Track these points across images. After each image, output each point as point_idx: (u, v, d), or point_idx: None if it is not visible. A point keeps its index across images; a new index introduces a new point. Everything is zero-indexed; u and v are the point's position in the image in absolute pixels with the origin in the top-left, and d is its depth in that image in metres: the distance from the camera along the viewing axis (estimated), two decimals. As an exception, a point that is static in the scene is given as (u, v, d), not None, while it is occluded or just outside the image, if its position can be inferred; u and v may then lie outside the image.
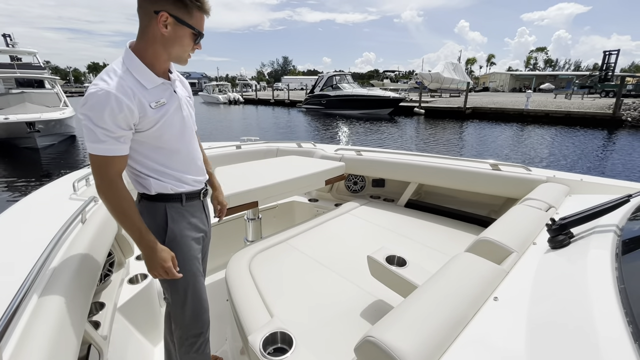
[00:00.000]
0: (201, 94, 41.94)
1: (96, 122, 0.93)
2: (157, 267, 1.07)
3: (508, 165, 2.00)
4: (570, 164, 9.07)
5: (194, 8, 1.00)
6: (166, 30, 0.99)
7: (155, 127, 1.05)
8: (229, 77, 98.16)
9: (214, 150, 2.77)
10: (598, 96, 27.88)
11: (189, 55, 1.10)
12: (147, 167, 1.11)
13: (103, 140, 0.95)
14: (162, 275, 1.09)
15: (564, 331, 0.64)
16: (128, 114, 0.97)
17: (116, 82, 0.96)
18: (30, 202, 1.63)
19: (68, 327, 0.87)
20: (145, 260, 1.08)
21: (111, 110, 0.93)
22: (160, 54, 1.03)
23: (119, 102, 0.94)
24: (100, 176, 0.99)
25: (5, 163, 9.08)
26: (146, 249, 1.06)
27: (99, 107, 0.93)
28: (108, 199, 1.01)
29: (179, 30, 1.00)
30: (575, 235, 0.99)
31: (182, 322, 1.23)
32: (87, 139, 0.96)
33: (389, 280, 1.18)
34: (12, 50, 17.40)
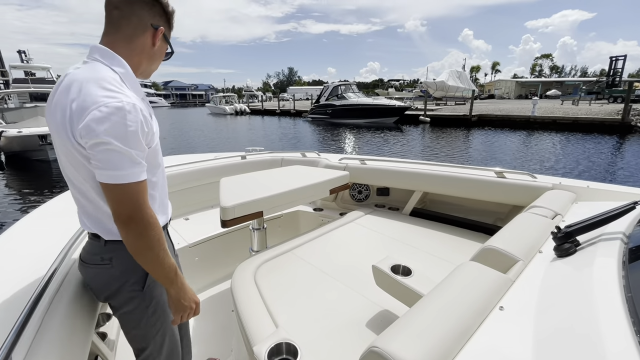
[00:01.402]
0: (208, 106, 42.64)
1: (129, 142, 0.79)
2: (191, 303, 0.98)
3: (513, 173, 1.99)
4: (580, 171, 8.93)
5: (171, 22, 1.01)
6: (155, 46, 0.96)
7: (155, 144, 0.95)
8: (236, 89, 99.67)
9: (219, 161, 2.81)
10: (606, 102, 27.58)
11: None
12: None
13: (138, 163, 0.82)
14: (191, 314, 1.00)
15: (570, 341, 0.63)
16: (150, 128, 0.87)
17: (130, 93, 0.84)
18: (40, 213, 1.66)
19: (76, 338, 0.88)
20: (177, 301, 0.96)
21: (142, 125, 0.82)
22: (142, 65, 0.97)
23: (144, 115, 0.84)
24: (138, 208, 0.82)
25: (18, 175, 9.30)
26: (181, 287, 0.95)
27: (131, 124, 0.79)
28: (149, 232, 0.84)
29: (163, 47, 1.00)
30: (581, 243, 0.97)
31: None
32: (116, 165, 0.78)
33: (394, 289, 1.17)
34: (27, 65, 18.04)
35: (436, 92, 31.91)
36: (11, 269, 1.11)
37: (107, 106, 0.77)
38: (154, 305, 1.01)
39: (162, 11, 0.96)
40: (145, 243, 0.84)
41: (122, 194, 0.81)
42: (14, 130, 9.48)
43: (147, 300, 0.99)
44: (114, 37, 0.90)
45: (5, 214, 6.29)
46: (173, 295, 0.95)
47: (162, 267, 0.89)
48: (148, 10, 0.92)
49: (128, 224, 0.82)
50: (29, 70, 17.65)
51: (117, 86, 0.82)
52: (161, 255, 0.87)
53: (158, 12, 0.95)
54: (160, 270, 0.89)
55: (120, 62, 0.89)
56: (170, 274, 0.91)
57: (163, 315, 1.04)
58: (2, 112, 11.49)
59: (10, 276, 1.07)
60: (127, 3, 0.89)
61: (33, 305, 0.86)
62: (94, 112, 0.76)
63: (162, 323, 1.04)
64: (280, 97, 49.77)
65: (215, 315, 1.97)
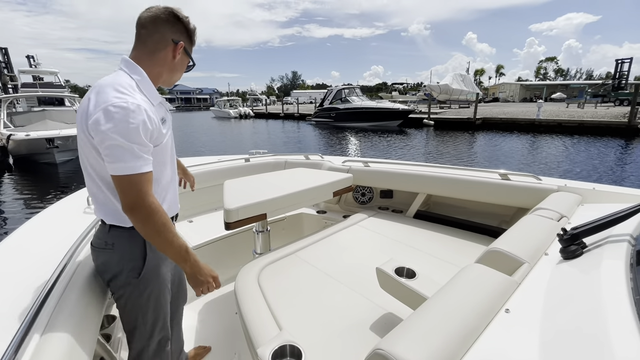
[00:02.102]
0: (213, 109, 42.92)
1: (131, 138, 0.89)
2: (208, 278, 1.06)
3: (518, 175, 1.97)
4: (586, 174, 8.84)
5: (192, 44, 1.13)
6: (176, 59, 1.08)
7: (164, 142, 1.06)
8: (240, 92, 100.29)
9: (223, 164, 2.82)
10: (612, 105, 27.34)
11: None
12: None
13: (140, 156, 0.91)
14: (211, 287, 1.07)
15: (578, 344, 0.62)
16: (155, 127, 0.98)
17: (139, 96, 0.96)
18: (46, 216, 1.68)
19: (80, 340, 0.89)
20: (193, 277, 1.04)
21: (145, 124, 0.92)
22: (163, 75, 1.09)
23: (149, 115, 0.94)
24: (140, 196, 0.91)
25: (25, 178, 9.42)
26: (194, 264, 1.03)
27: (133, 122, 0.89)
28: (153, 218, 0.93)
29: (184, 60, 1.12)
30: (588, 245, 0.96)
31: (145, 356, 1.13)
32: (119, 158, 0.88)
33: (398, 292, 1.16)
34: (35, 70, 18.32)
35: (440, 95, 31.87)
36: (18, 270, 1.13)
37: (114, 105, 0.88)
38: (147, 294, 1.08)
39: (183, 28, 1.08)
40: (152, 227, 0.94)
41: (126, 184, 0.91)
42: (22, 133, 9.61)
43: (142, 288, 1.07)
44: (140, 51, 1.04)
45: (13, 215, 6.37)
46: (188, 272, 1.04)
47: (172, 247, 0.98)
48: (170, 28, 1.05)
49: (133, 211, 0.92)
50: (37, 75, 17.93)
51: (129, 90, 0.94)
52: (169, 238, 0.96)
53: (179, 29, 1.07)
54: (171, 250, 0.98)
55: (139, 70, 1.02)
56: (182, 253, 1.00)
57: (156, 305, 1.11)
58: (10, 115, 11.65)
59: (17, 277, 1.08)
60: (152, 22, 1.03)
61: (40, 305, 0.87)
62: (102, 109, 0.88)
63: (156, 308, 1.11)
64: (284, 100, 50.01)
65: (219, 317, 1.97)
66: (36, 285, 1.01)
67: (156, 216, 0.93)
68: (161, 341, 1.16)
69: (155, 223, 0.93)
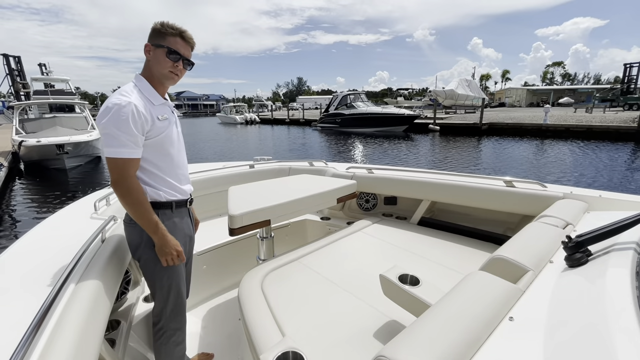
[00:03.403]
0: (219, 115, 43.34)
1: (120, 128, 1.11)
2: (172, 250, 1.26)
3: (523, 182, 1.96)
4: (594, 180, 8.71)
5: (168, 35, 1.25)
6: (150, 55, 1.27)
7: (161, 136, 1.26)
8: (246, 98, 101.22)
9: (227, 170, 2.85)
10: (621, 109, 27.02)
11: (175, 75, 1.30)
12: (147, 173, 1.27)
13: (126, 144, 1.13)
14: (174, 260, 1.28)
15: (583, 353, 0.61)
16: (144, 121, 1.18)
17: (134, 96, 1.18)
18: (54, 221, 1.71)
19: (85, 345, 0.90)
20: (160, 248, 1.25)
21: (133, 116, 1.13)
22: (154, 77, 1.29)
23: (138, 110, 1.15)
24: (121, 176, 1.15)
25: (35, 183, 9.59)
26: (162, 237, 1.24)
27: (123, 115, 1.11)
28: (129, 195, 1.17)
29: (157, 53, 1.26)
30: (593, 253, 0.95)
31: (164, 315, 1.36)
32: (110, 144, 1.12)
33: (402, 299, 1.16)
34: (47, 78, 18.73)
35: (446, 100, 31.78)
36: (27, 272, 1.15)
37: (110, 102, 1.14)
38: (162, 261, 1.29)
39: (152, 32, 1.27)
40: (127, 202, 1.18)
41: (111, 165, 1.15)
42: (33, 140, 9.81)
43: (156, 256, 1.28)
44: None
45: (23, 219, 6.49)
46: (157, 243, 1.25)
47: (143, 220, 1.21)
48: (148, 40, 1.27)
49: (114, 187, 1.17)
50: (49, 82, 18.33)
51: (127, 92, 1.18)
52: (141, 212, 1.19)
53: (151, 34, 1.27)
54: (142, 223, 1.21)
55: (139, 78, 1.29)
56: (151, 227, 1.22)
57: (171, 269, 1.33)
58: (22, 122, 11.89)
59: (26, 280, 1.10)
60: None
61: (46, 310, 0.89)
62: (103, 108, 1.14)
63: (170, 277, 1.34)
64: (289, 106, 50.33)
65: (222, 323, 1.98)
66: (44, 287, 1.03)
67: (132, 195, 1.17)
68: (176, 305, 1.38)
69: (131, 199, 1.17)
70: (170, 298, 1.36)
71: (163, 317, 1.37)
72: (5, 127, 21.47)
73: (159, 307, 1.36)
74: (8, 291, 1.04)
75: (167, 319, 1.37)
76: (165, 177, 1.31)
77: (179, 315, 1.40)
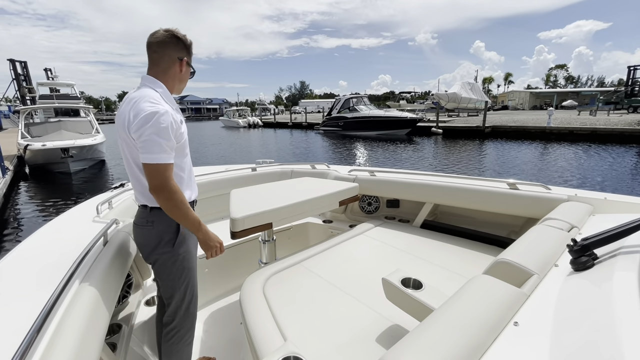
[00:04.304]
0: (222, 119, 43.57)
1: (161, 135, 1.17)
2: (215, 243, 1.35)
3: (527, 184, 1.94)
4: (599, 182, 8.63)
5: (191, 50, 1.38)
6: (182, 71, 1.35)
7: (183, 140, 1.33)
8: (249, 102, 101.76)
9: (230, 173, 2.85)
10: (625, 112, 26.83)
11: None
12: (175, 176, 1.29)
13: (165, 150, 1.19)
14: (218, 252, 1.37)
15: (589, 358, 0.60)
16: (177, 127, 1.25)
17: (165, 104, 1.24)
18: (56, 224, 1.72)
19: (86, 349, 0.89)
20: (205, 242, 1.33)
21: (171, 124, 1.20)
22: (174, 86, 1.37)
23: (174, 118, 1.23)
24: (164, 180, 1.20)
25: (40, 186, 9.66)
26: (206, 232, 1.32)
27: (163, 123, 1.17)
28: (174, 197, 1.21)
29: (187, 70, 1.39)
30: (599, 256, 0.94)
31: (178, 315, 1.41)
32: (151, 150, 1.16)
33: (405, 303, 1.14)
34: (53, 82, 18.95)
35: (448, 103, 31.72)
36: (29, 275, 1.15)
37: (149, 112, 1.16)
38: (180, 260, 1.35)
39: (183, 45, 1.34)
40: (172, 204, 1.22)
41: (153, 170, 1.18)
42: (38, 143, 9.91)
43: (175, 255, 1.34)
44: (155, 70, 1.32)
45: (28, 222, 6.54)
46: (201, 239, 1.33)
47: (188, 219, 1.27)
48: (174, 47, 1.31)
49: (158, 192, 1.20)
50: (54, 87, 18.53)
51: (157, 100, 1.22)
52: (186, 211, 1.24)
53: (181, 47, 1.33)
54: (187, 222, 1.27)
55: (160, 85, 1.31)
56: (195, 224, 1.29)
57: (188, 269, 1.39)
58: (28, 126, 12.02)
59: (28, 282, 1.10)
60: (160, 46, 1.29)
61: (47, 313, 0.88)
62: (142, 116, 1.16)
63: (187, 276, 1.39)
64: (292, 110, 50.50)
65: (224, 327, 1.97)
66: (45, 291, 1.03)
67: (176, 195, 1.21)
68: (191, 304, 1.44)
69: (175, 200, 1.21)
70: (187, 297, 1.41)
71: (177, 317, 1.40)
72: (11, 131, 21.71)
73: (174, 306, 1.40)
74: (9, 294, 1.04)
75: (182, 318, 1.41)
76: (186, 178, 1.39)
77: (191, 315, 1.45)
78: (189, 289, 1.41)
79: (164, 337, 1.41)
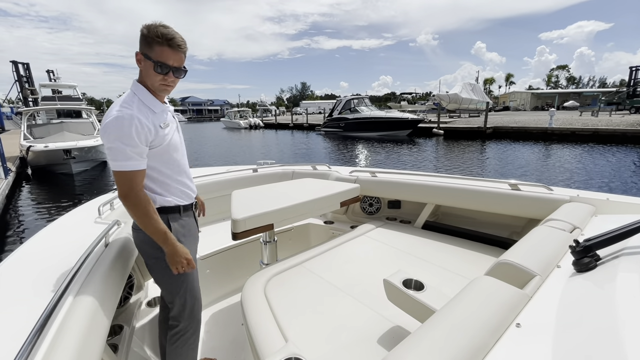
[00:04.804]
0: (223, 120, 43.63)
1: (124, 141, 1.10)
2: (181, 259, 1.26)
3: (528, 185, 1.94)
4: (601, 184, 8.60)
5: (155, 44, 1.16)
6: (140, 65, 1.22)
7: (165, 144, 1.26)
8: (250, 103, 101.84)
9: (231, 174, 2.85)
10: (627, 112, 26.77)
11: (167, 86, 1.24)
12: (155, 181, 1.27)
13: (131, 157, 1.13)
14: (184, 267, 1.28)
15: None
16: (147, 132, 1.17)
17: (135, 107, 1.17)
18: (59, 225, 1.72)
19: (87, 350, 0.89)
20: (170, 257, 1.25)
21: (136, 129, 1.12)
22: (149, 84, 1.24)
23: (141, 122, 1.14)
24: (129, 189, 1.15)
25: (42, 188, 9.69)
26: (172, 246, 1.24)
27: (125, 128, 1.10)
28: (137, 206, 1.17)
29: (146, 64, 1.20)
30: (602, 257, 0.93)
31: (182, 318, 1.38)
32: (115, 158, 1.12)
33: (406, 304, 1.14)
34: (55, 84, 19.06)
35: (449, 104, 31.69)
36: (31, 277, 1.15)
37: (111, 117, 1.12)
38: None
39: (142, 38, 1.18)
40: (136, 213, 1.18)
41: (119, 178, 1.14)
42: (40, 145, 9.94)
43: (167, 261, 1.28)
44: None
45: (30, 223, 6.55)
46: (167, 252, 1.25)
47: (151, 230, 1.20)
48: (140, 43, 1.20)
49: (123, 200, 1.16)
50: (57, 89, 18.62)
51: (128, 104, 1.16)
52: (149, 223, 1.19)
53: (142, 40, 1.19)
54: (152, 233, 1.21)
55: (139, 87, 1.24)
56: (161, 236, 1.21)
57: (184, 274, 1.33)
58: (30, 128, 12.07)
59: (30, 284, 1.10)
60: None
61: (48, 314, 0.89)
62: (106, 122, 1.12)
63: (184, 281, 1.35)
64: (293, 111, 50.54)
65: (225, 328, 1.96)
66: (47, 292, 1.03)
67: (141, 206, 1.16)
68: (194, 307, 1.41)
69: (140, 211, 1.17)
70: (188, 301, 1.38)
71: (182, 320, 1.38)
72: (14, 132, 21.81)
73: (177, 311, 1.38)
74: (11, 296, 1.04)
75: (186, 321, 1.39)
76: (172, 183, 1.32)
77: (195, 318, 1.43)
78: (188, 294, 1.38)
79: (168, 340, 1.40)
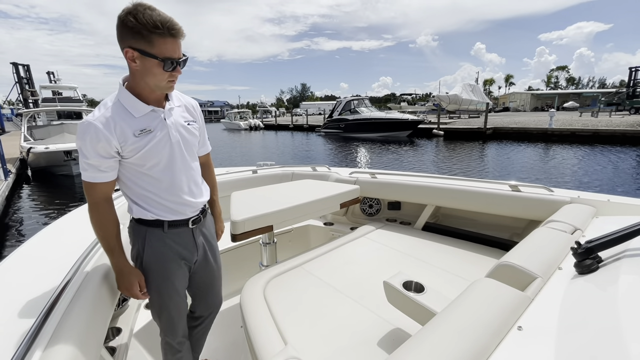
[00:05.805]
0: (223, 121, 43.70)
1: (82, 150, 1.04)
2: (123, 288, 1.18)
3: (529, 187, 1.93)
4: (602, 184, 8.59)
5: (154, 36, 0.99)
6: (136, 64, 1.03)
7: (139, 155, 1.09)
8: (250, 105, 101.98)
9: (230, 175, 2.85)
10: (627, 113, 26.81)
11: (170, 82, 1.09)
12: (132, 192, 1.17)
13: (85, 169, 1.06)
14: (128, 295, 1.20)
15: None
16: (105, 143, 1.03)
17: (100, 113, 1.04)
18: (57, 226, 1.72)
19: (84, 353, 0.88)
20: (116, 278, 1.18)
21: (90, 139, 1.02)
22: (142, 85, 1.08)
23: (97, 132, 1.01)
24: (88, 196, 1.10)
25: (43, 189, 9.69)
26: (115, 270, 1.17)
27: (82, 137, 1.03)
28: (91, 219, 1.11)
29: (146, 63, 1.02)
30: (603, 259, 0.92)
31: (162, 332, 1.33)
32: (79, 166, 1.09)
33: (406, 307, 1.13)
34: (55, 86, 19.11)
35: (449, 105, 31.74)
36: (27, 279, 1.15)
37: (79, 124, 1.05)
38: (150, 283, 1.22)
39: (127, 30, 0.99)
40: (92, 224, 1.12)
41: (83, 186, 1.10)
42: (41, 146, 9.95)
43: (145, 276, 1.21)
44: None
45: (30, 224, 6.56)
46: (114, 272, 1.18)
47: (103, 247, 1.15)
48: (121, 36, 1.01)
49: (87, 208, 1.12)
50: (57, 90, 18.66)
51: (101, 108, 1.07)
52: (100, 235, 1.13)
53: (125, 33, 1.00)
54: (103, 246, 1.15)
55: (120, 87, 1.11)
56: (107, 255, 1.15)
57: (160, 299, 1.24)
58: (30, 129, 12.08)
59: (25, 286, 1.10)
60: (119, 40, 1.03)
61: (45, 317, 0.88)
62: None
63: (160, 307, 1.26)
64: (293, 112, 50.59)
65: (224, 331, 1.96)
66: (43, 294, 1.02)
67: (94, 217, 1.11)
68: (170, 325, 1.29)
69: (94, 222, 1.11)
70: (163, 317, 1.28)
71: (162, 334, 1.33)
72: (14, 134, 21.84)
73: (156, 322, 1.32)
74: (8, 297, 1.03)
75: (165, 335, 1.32)
76: (155, 197, 1.17)
77: (174, 332, 1.32)
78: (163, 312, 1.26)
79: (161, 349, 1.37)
